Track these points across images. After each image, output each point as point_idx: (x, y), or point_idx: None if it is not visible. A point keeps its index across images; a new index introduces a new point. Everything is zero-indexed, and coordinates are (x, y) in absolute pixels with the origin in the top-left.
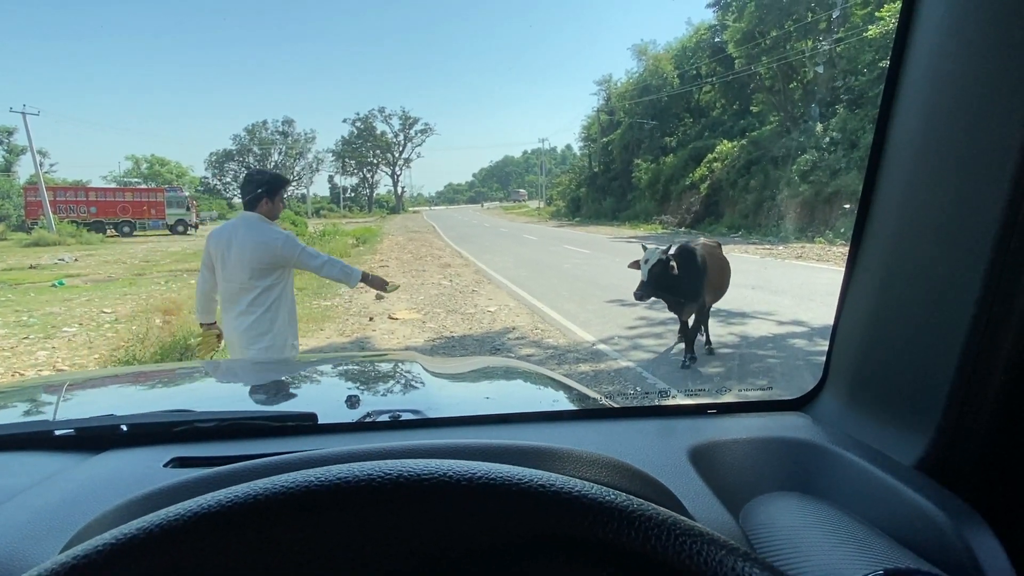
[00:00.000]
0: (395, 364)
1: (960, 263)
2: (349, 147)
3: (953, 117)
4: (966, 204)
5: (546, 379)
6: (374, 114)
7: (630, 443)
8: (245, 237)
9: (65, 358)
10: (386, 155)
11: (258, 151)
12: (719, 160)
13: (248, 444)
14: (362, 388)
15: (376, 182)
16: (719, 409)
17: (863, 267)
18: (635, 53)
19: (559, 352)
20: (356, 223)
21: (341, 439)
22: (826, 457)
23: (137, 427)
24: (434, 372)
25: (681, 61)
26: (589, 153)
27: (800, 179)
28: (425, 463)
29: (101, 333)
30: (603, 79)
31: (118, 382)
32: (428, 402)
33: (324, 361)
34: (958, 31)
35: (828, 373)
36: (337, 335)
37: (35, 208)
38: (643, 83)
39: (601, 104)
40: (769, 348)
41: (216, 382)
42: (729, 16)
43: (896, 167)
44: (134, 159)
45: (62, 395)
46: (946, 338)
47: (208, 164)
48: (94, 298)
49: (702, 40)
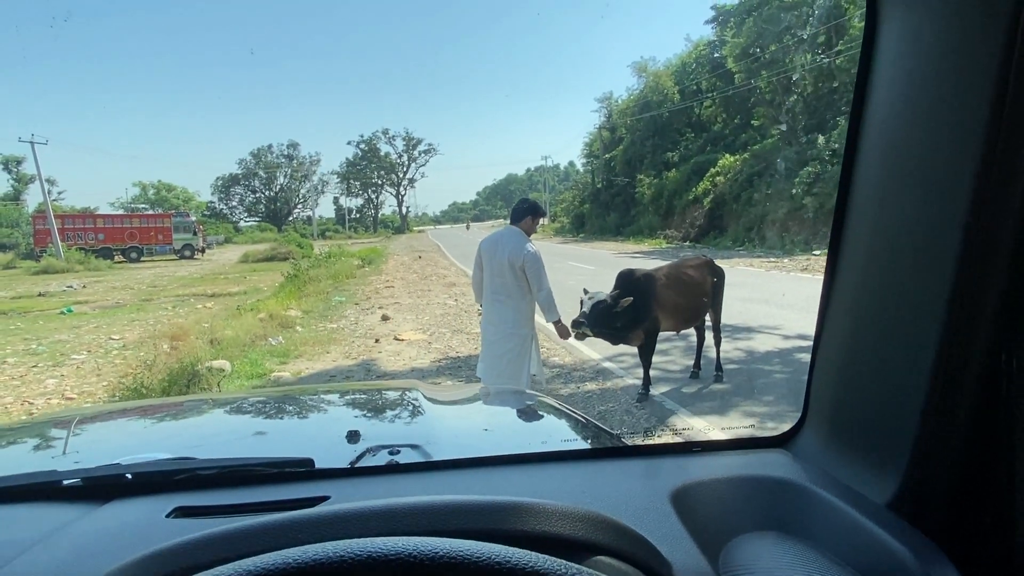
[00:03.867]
0: (395, 394)
1: (924, 303)
2: (354, 169)
3: (916, 155)
4: (931, 245)
5: (544, 410)
6: (378, 136)
7: (616, 486)
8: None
9: (74, 386)
10: (390, 176)
11: (264, 175)
12: (722, 174)
13: (247, 492)
14: (363, 420)
15: (381, 203)
16: (704, 447)
17: (837, 304)
18: (635, 70)
19: (565, 371)
20: (361, 244)
21: (336, 485)
22: (804, 496)
23: (141, 476)
24: (434, 400)
25: (681, 77)
26: (592, 169)
27: (803, 192)
28: (393, 544)
29: (109, 360)
30: (604, 96)
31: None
32: (427, 436)
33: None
34: (917, 53)
35: (808, 410)
36: (343, 357)
37: (44, 236)
38: (644, 99)
39: (603, 121)
40: (775, 363)
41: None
42: (727, 32)
43: (862, 209)
44: (141, 185)
45: (69, 436)
46: (912, 378)
47: (214, 188)
48: (102, 325)
49: (701, 56)
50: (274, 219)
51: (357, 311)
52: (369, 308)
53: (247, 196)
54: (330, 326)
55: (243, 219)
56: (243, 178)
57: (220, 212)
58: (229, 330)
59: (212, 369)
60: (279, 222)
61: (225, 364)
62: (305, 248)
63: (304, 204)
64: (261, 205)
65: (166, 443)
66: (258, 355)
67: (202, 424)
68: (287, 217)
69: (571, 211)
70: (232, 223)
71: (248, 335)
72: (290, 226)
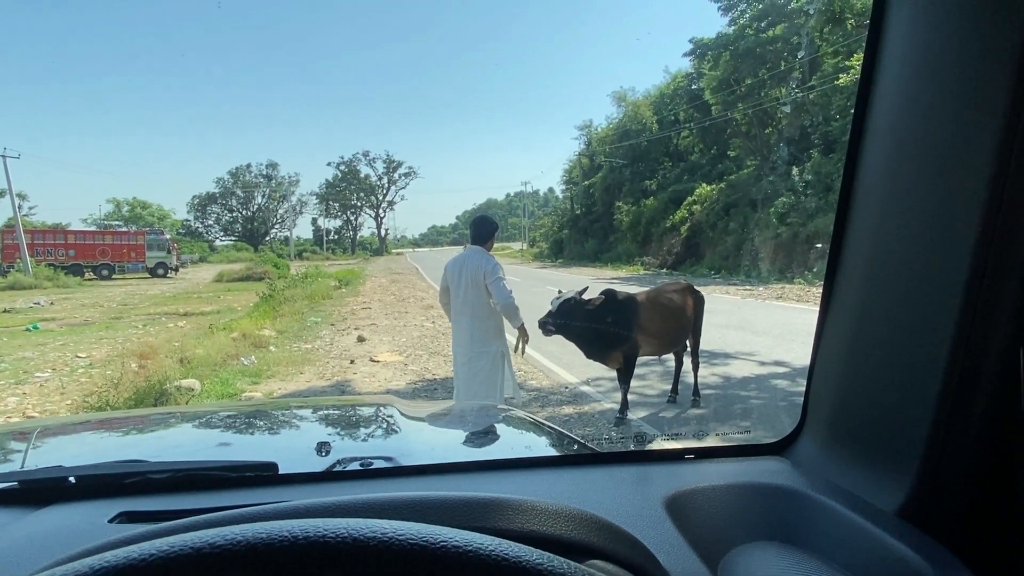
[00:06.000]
0: (370, 408)
1: (933, 305)
2: (333, 190)
3: (919, 159)
4: (936, 246)
5: (524, 423)
6: (358, 157)
7: (605, 492)
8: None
9: (36, 404)
10: (370, 198)
11: (241, 194)
12: (698, 203)
13: (202, 497)
14: (335, 434)
15: (360, 224)
16: (697, 454)
17: (837, 308)
18: (615, 99)
19: (542, 395)
20: (339, 265)
21: (303, 490)
22: (806, 504)
23: (86, 479)
24: (410, 416)
25: (659, 107)
26: (571, 196)
27: (778, 221)
28: (345, 524)
29: (75, 378)
30: (584, 124)
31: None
32: (402, 448)
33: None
34: (924, 51)
35: (806, 416)
36: (317, 378)
37: (12, 251)
38: (623, 128)
39: (582, 148)
40: (751, 389)
41: (179, 430)
42: (705, 65)
43: (864, 214)
44: (115, 202)
45: (28, 446)
46: (922, 382)
47: (190, 207)
48: (69, 343)
49: (679, 87)
50: (251, 239)
51: (333, 332)
52: (345, 329)
53: (224, 215)
54: (304, 347)
55: (219, 238)
56: (220, 197)
57: (196, 231)
58: (200, 349)
59: (181, 388)
60: (256, 242)
61: (195, 383)
62: (282, 268)
63: (282, 224)
64: (238, 224)
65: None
66: (229, 375)
67: (165, 434)
68: (264, 237)
69: (550, 237)
70: (208, 242)
71: (220, 354)
72: (267, 246)
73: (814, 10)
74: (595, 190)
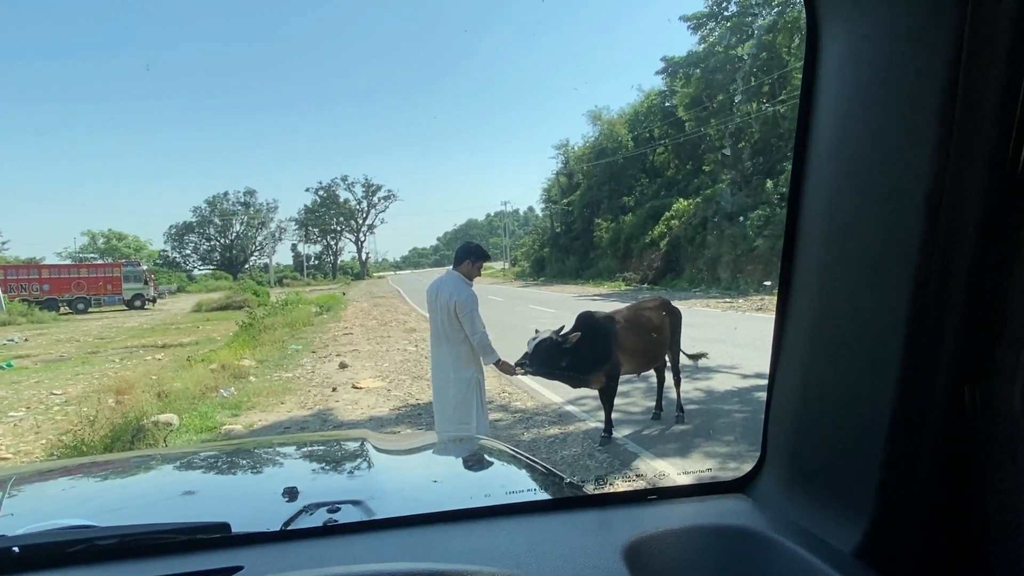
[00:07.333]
0: (343, 446)
1: (880, 346)
2: (312, 215)
3: (855, 203)
4: (878, 289)
5: (498, 455)
6: (337, 182)
7: (563, 542)
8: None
9: (10, 444)
10: (350, 222)
11: (219, 222)
12: (676, 218)
13: (151, 564)
14: (305, 477)
15: (340, 249)
16: (660, 494)
17: (789, 347)
18: (590, 118)
19: (527, 415)
20: (320, 291)
21: (256, 551)
22: (766, 546)
23: (30, 549)
24: (383, 449)
25: (634, 125)
26: (551, 214)
27: (755, 234)
28: None
29: (50, 416)
30: (561, 144)
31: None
32: (372, 489)
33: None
34: (861, 63)
35: (766, 452)
36: (299, 408)
37: None
38: (599, 146)
39: (560, 167)
40: (734, 402)
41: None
42: (677, 82)
43: (808, 256)
44: (91, 234)
45: (3, 498)
46: (872, 422)
47: (167, 237)
48: (44, 379)
49: (653, 105)
50: (229, 267)
51: (314, 359)
52: (327, 356)
53: (202, 244)
54: (285, 375)
55: (197, 267)
56: (198, 226)
57: (173, 261)
58: (178, 382)
59: (159, 423)
60: (235, 270)
61: (173, 418)
62: (261, 296)
63: (261, 251)
64: (216, 253)
65: (85, 506)
66: (208, 407)
67: (130, 484)
68: (243, 265)
69: (531, 255)
70: (186, 271)
71: (198, 387)
72: (246, 274)
73: (779, 25)
74: (574, 208)
